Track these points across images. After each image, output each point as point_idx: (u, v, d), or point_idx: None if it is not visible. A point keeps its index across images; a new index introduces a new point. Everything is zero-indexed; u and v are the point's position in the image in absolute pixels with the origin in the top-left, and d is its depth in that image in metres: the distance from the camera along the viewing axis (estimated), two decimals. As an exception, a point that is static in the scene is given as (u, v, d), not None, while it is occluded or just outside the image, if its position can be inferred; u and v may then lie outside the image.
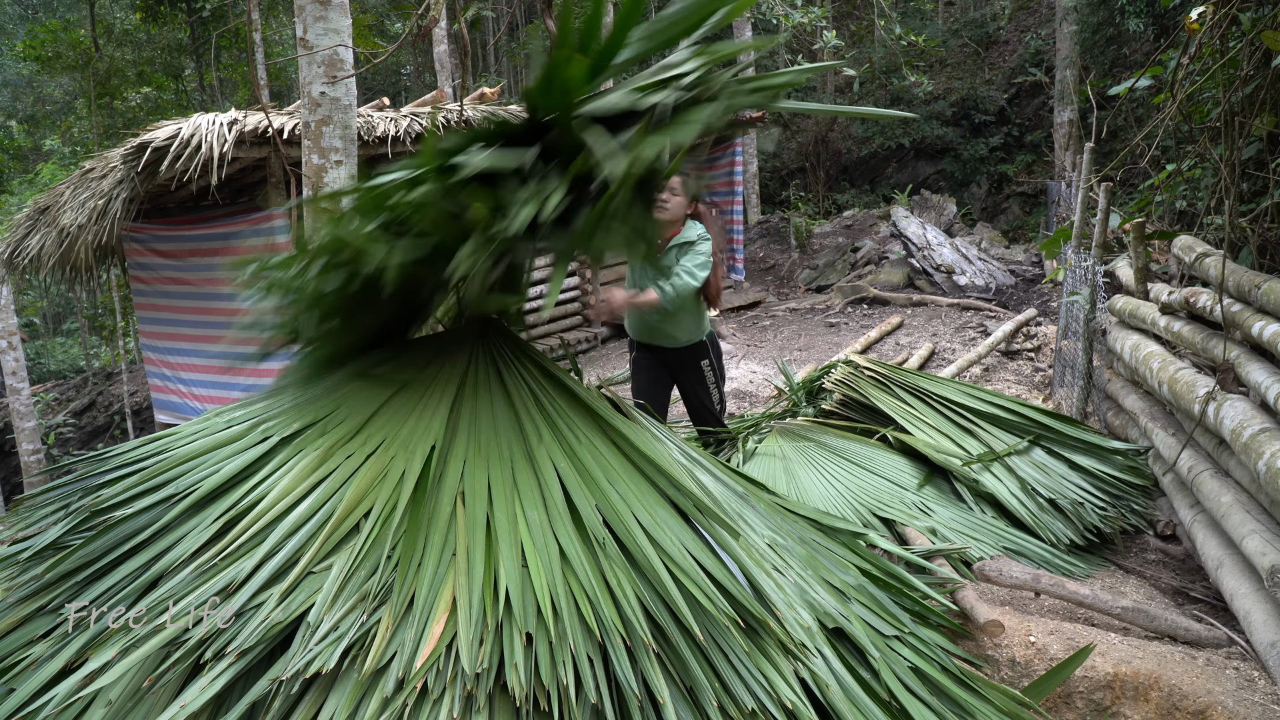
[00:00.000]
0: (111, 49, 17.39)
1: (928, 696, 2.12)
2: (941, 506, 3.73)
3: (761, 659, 1.93)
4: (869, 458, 4.00)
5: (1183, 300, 3.80)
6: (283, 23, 18.35)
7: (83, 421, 14.05)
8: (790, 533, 2.53)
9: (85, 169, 6.42)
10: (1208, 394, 3.31)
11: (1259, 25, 3.39)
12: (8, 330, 9.99)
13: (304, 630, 1.74)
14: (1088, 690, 2.51)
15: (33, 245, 6.61)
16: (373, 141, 6.70)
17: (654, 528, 2.07)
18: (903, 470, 3.93)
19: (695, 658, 1.89)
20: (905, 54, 14.52)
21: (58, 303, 20.76)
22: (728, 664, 1.90)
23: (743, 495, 2.59)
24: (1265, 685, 2.52)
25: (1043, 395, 5.95)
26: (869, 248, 11.76)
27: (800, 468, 3.96)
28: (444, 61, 13.63)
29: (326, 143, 3.41)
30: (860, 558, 2.60)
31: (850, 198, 17.23)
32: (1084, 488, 3.83)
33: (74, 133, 18.31)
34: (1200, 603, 3.22)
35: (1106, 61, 12.79)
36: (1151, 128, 4.25)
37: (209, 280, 6.99)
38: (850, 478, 3.86)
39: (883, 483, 3.84)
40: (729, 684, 1.88)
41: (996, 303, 9.07)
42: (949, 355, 7.18)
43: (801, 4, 10.72)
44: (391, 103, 7.39)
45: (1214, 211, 4.52)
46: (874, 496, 3.73)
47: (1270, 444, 2.77)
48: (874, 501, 3.69)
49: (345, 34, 3.39)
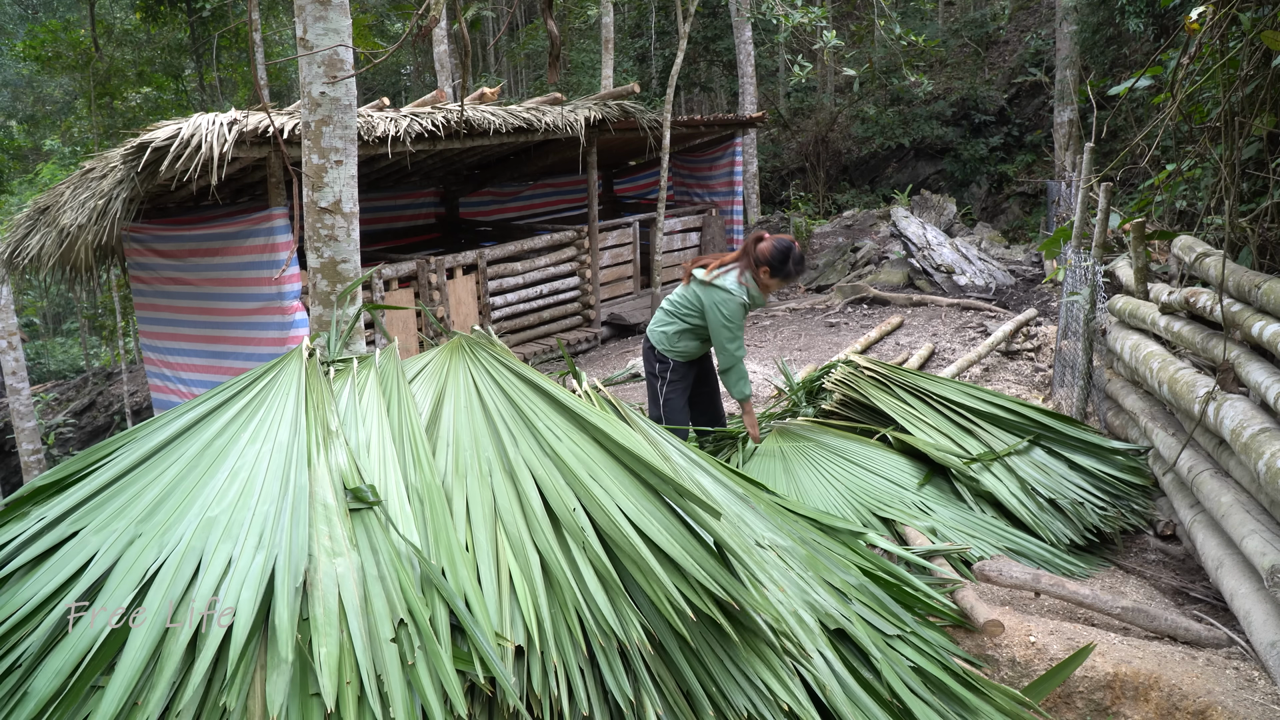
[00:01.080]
0: (111, 49, 17.38)
1: (929, 696, 2.12)
2: (941, 506, 3.73)
3: (758, 661, 1.93)
4: (868, 457, 4.00)
5: (1183, 300, 3.80)
6: (283, 23, 18.34)
7: (83, 421, 14.05)
8: (791, 533, 2.53)
9: (85, 169, 6.42)
10: (1208, 394, 3.31)
11: (1259, 25, 3.39)
12: (8, 330, 9.99)
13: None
14: (1088, 690, 2.51)
15: (33, 245, 6.60)
16: (373, 141, 6.70)
17: (638, 516, 2.07)
18: (902, 470, 3.93)
19: (688, 661, 1.89)
20: (905, 54, 14.51)
21: (58, 303, 20.75)
22: (722, 667, 1.90)
23: (743, 496, 2.59)
24: (1265, 685, 2.52)
25: (1043, 395, 5.95)
26: (869, 248, 11.76)
27: (799, 467, 3.96)
28: (444, 61, 13.63)
29: (326, 143, 3.40)
30: (861, 557, 2.60)
31: (850, 198, 17.22)
32: (1084, 488, 3.83)
33: (74, 133, 18.30)
34: (1200, 603, 3.22)
35: (1106, 61, 12.79)
36: (1151, 128, 4.25)
37: (209, 280, 6.99)
38: (849, 477, 3.86)
39: (882, 482, 3.84)
40: (724, 688, 1.88)
41: (996, 303, 9.07)
42: (949, 355, 7.17)
43: (801, 4, 10.71)
44: (391, 103, 7.39)
45: (1214, 211, 4.52)
46: (874, 496, 3.73)
47: (1270, 444, 2.77)
48: (874, 501, 3.69)
49: (345, 34, 3.39)
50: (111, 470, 2.15)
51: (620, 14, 19.89)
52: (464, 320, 8.68)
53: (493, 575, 1.96)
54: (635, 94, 9.38)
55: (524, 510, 2.12)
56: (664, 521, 2.08)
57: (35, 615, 1.80)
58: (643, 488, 2.17)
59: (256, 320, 6.73)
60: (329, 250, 3.43)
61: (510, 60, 23.17)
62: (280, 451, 2.18)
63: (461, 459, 2.26)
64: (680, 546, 2.01)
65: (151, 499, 2.05)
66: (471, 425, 2.36)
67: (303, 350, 2.60)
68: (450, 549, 1.97)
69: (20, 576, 1.89)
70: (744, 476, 2.80)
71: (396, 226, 10.72)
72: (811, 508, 2.86)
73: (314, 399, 2.36)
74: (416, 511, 2.08)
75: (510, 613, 1.88)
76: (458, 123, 7.25)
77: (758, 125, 12.41)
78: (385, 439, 2.28)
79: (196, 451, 2.20)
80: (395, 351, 2.71)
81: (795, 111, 18.77)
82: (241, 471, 2.13)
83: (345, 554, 1.92)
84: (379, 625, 1.79)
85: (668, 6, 18.14)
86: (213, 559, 1.89)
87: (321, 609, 1.79)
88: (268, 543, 1.92)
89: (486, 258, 8.87)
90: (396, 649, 1.75)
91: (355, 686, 1.67)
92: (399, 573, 1.89)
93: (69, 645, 1.72)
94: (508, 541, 2.03)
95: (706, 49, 17.87)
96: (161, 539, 1.94)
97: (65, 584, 1.86)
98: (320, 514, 2.01)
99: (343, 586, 1.85)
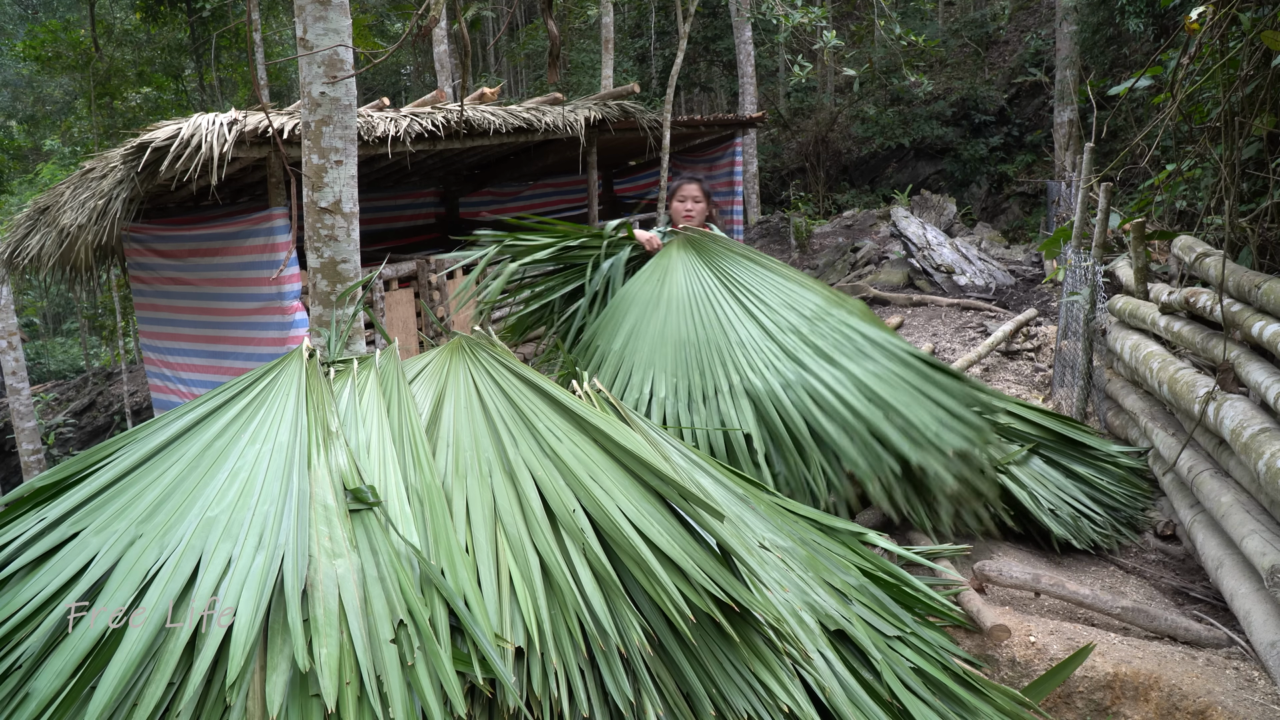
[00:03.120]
0: (111, 49, 17.38)
1: (929, 697, 2.12)
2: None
3: (758, 663, 1.93)
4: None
5: (1183, 300, 3.80)
6: (283, 23, 18.34)
7: (83, 421, 14.05)
8: (791, 533, 2.53)
9: (85, 169, 6.41)
10: (1208, 394, 3.31)
11: (1259, 25, 3.39)
12: (8, 330, 9.99)
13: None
14: (1088, 690, 2.51)
15: (33, 245, 6.60)
16: (373, 141, 6.70)
17: (639, 518, 2.07)
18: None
19: (689, 663, 1.89)
20: (905, 54, 14.51)
21: (58, 303, 20.76)
22: (721, 669, 1.90)
23: (742, 497, 2.59)
24: (1265, 685, 2.52)
25: (1043, 395, 5.95)
26: (869, 248, 11.76)
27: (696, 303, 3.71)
28: (444, 61, 13.62)
29: (326, 143, 3.40)
30: (861, 558, 2.60)
31: (850, 198, 17.22)
32: (1083, 502, 3.79)
33: (74, 133, 18.30)
34: (1200, 603, 3.22)
35: (1106, 61, 12.79)
36: (1151, 128, 4.25)
37: (209, 280, 6.98)
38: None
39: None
40: (724, 690, 1.88)
41: (996, 303, 9.07)
42: (949, 355, 7.17)
43: (801, 4, 10.71)
44: (391, 103, 7.39)
45: (1214, 211, 4.52)
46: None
47: (1270, 444, 2.77)
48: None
49: (345, 34, 3.39)
50: (112, 471, 2.14)
51: (620, 14, 19.89)
52: (464, 320, 8.69)
53: (492, 577, 1.96)
54: (635, 94, 9.38)
55: (524, 511, 2.12)
56: (664, 523, 2.09)
57: (36, 616, 1.80)
58: (643, 489, 2.17)
59: (256, 320, 6.73)
60: (329, 250, 3.43)
61: (510, 60, 23.18)
62: (280, 452, 2.18)
63: (461, 460, 2.26)
64: (680, 548, 2.01)
65: (152, 500, 2.05)
66: (472, 426, 2.36)
67: (303, 351, 2.60)
68: (450, 550, 1.97)
69: (21, 577, 1.89)
70: (743, 476, 2.80)
71: (396, 226, 10.72)
72: (811, 509, 2.86)
73: (314, 400, 2.36)
74: (416, 512, 2.08)
75: (510, 614, 1.88)
76: (458, 123, 7.24)
77: (758, 125, 12.41)
78: (385, 440, 2.28)
79: (197, 452, 2.20)
80: (395, 352, 2.71)
81: (795, 111, 18.78)
82: (242, 472, 2.13)
83: (345, 555, 1.92)
84: (379, 626, 1.79)
85: (668, 6, 18.14)
86: (212, 559, 1.89)
87: (322, 610, 1.79)
88: (268, 543, 1.92)
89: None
90: (396, 650, 1.75)
91: (355, 687, 1.67)
92: (399, 573, 1.89)
93: (69, 646, 1.73)
94: (507, 543, 2.03)
95: (706, 49, 17.87)
96: (162, 539, 1.94)
97: (66, 584, 1.86)
98: (320, 514, 2.01)
99: (343, 587, 1.85)
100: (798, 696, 1.91)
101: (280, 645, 1.73)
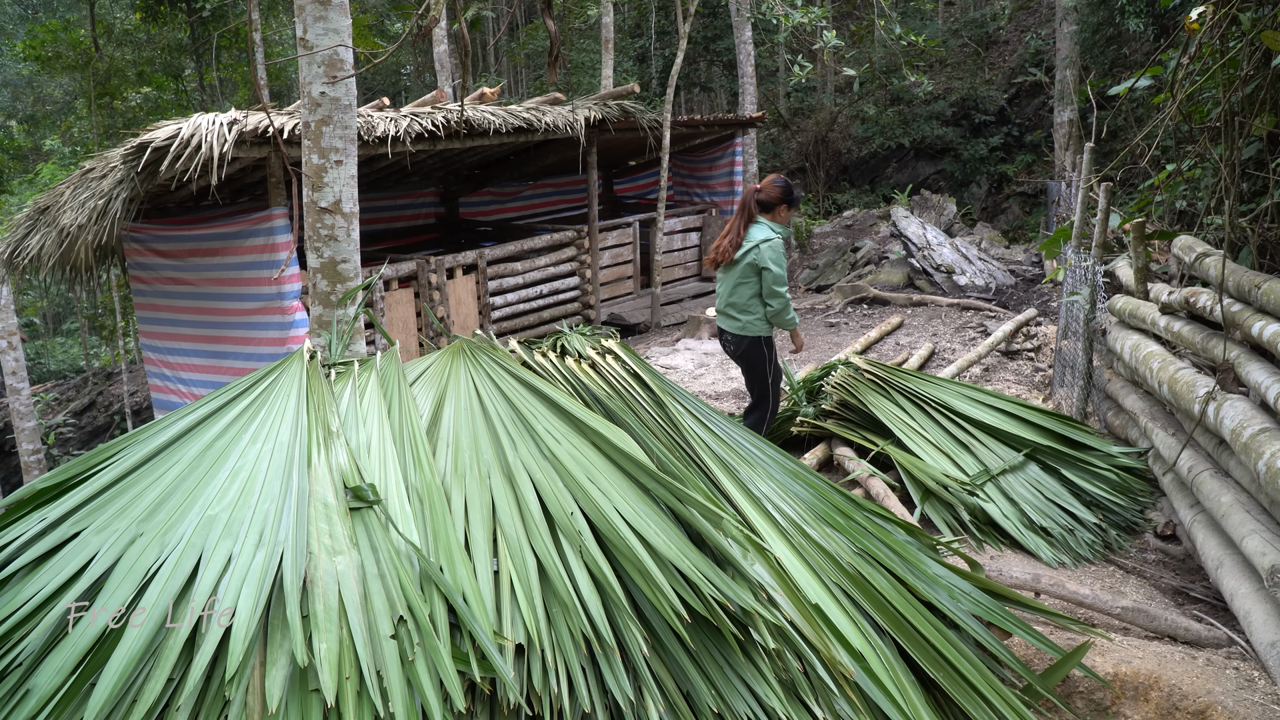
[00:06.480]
0: (111, 49, 17.38)
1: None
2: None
3: (750, 669, 1.93)
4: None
5: (1183, 300, 3.80)
6: (283, 23, 18.35)
7: (83, 421, 14.05)
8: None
9: (85, 169, 6.42)
10: (1208, 394, 3.31)
11: (1259, 25, 3.39)
12: (8, 330, 9.99)
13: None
14: (1088, 690, 2.51)
15: (33, 245, 6.60)
16: (373, 141, 6.70)
17: (636, 519, 2.08)
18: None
19: (690, 664, 1.89)
20: (905, 54, 14.52)
21: (58, 303, 20.75)
22: (720, 670, 1.91)
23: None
24: (1265, 685, 2.52)
25: (1043, 395, 5.95)
26: (869, 248, 11.76)
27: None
28: (444, 61, 13.63)
29: (326, 143, 3.41)
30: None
31: (850, 198, 17.22)
32: (1078, 510, 3.78)
33: (74, 133, 18.30)
34: (1200, 603, 3.22)
35: (1106, 61, 12.79)
36: (1151, 128, 4.25)
37: (209, 280, 6.99)
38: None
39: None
40: (723, 691, 1.88)
41: (996, 303, 9.07)
42: (949, 355, 7.18)
43: (801, 4, 10.72)
44: (391, 103, 7.39)
45: (1214, 211, 4.52)
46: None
47: (1270, 444, 2.77)
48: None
49: (345, 34, 3.39)
50: (113, 472, 2.15)
51: (620, 14, 19.90)
52: (464, 320, 8.68)
53: (490, 575, 1.97)
54: (635, 94, 9.38)
55: (522, 513, 2.12)
56: (661, 525, 2.09)
57: (37, 614, 1.81)
58: (640, 491, 2.18)
59: (256, 320, 6.73)
60: (329, 250, 3.44)
61: (510, 60, 23.18)
62: (281, 451, 2.19)
63: (461, 461, 2.26)
64: (678, 549, 2.02)
65: (153, 499, 2.05)
66: (472, 428, 2.36)
67: (304, 352, 2.61)
68: (449, 548, 1.98)
69: (22, 576, 1.90)
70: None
71: (396, 226, 10.73)
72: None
73: (315, 400, 2.37)
74: (416, 511, 2.08)
75: (510, 613, 1.89)
76: (458, 123, 7.25)
77: (758, 125, 12.40)
78: (386, 440, 2.29)
79: (198, 452, 2.20)
80: (396, 354, 2.72)
81: (795, 111, 18.78)
82: (242, 471, 2.13)
83: (345, 551, 1.92)
84: (379, 622, 1.79)
85: (668, 6, 18.14)
86: (213, 556, 1.90)
87: (321, 605, 1.79)
88: (268, 540, 1.93)
89: (486, 258, 8.87)
90: (396, 645, 1.75)
91: (355, 682, 1.67)
92: (398, 570, 1.89)
93: (70, 644, 1.73)
94: (505, 545, 2.04)
95: (706, 49, 17.87)
96: (163, 538, 1.94)
97: (66, 583, 1.87)
98: (320, 512, 2.01)
99: (343, 583, 1.85)
100: (782, 698, 1.91)
101: (280, 640, 1.74)
